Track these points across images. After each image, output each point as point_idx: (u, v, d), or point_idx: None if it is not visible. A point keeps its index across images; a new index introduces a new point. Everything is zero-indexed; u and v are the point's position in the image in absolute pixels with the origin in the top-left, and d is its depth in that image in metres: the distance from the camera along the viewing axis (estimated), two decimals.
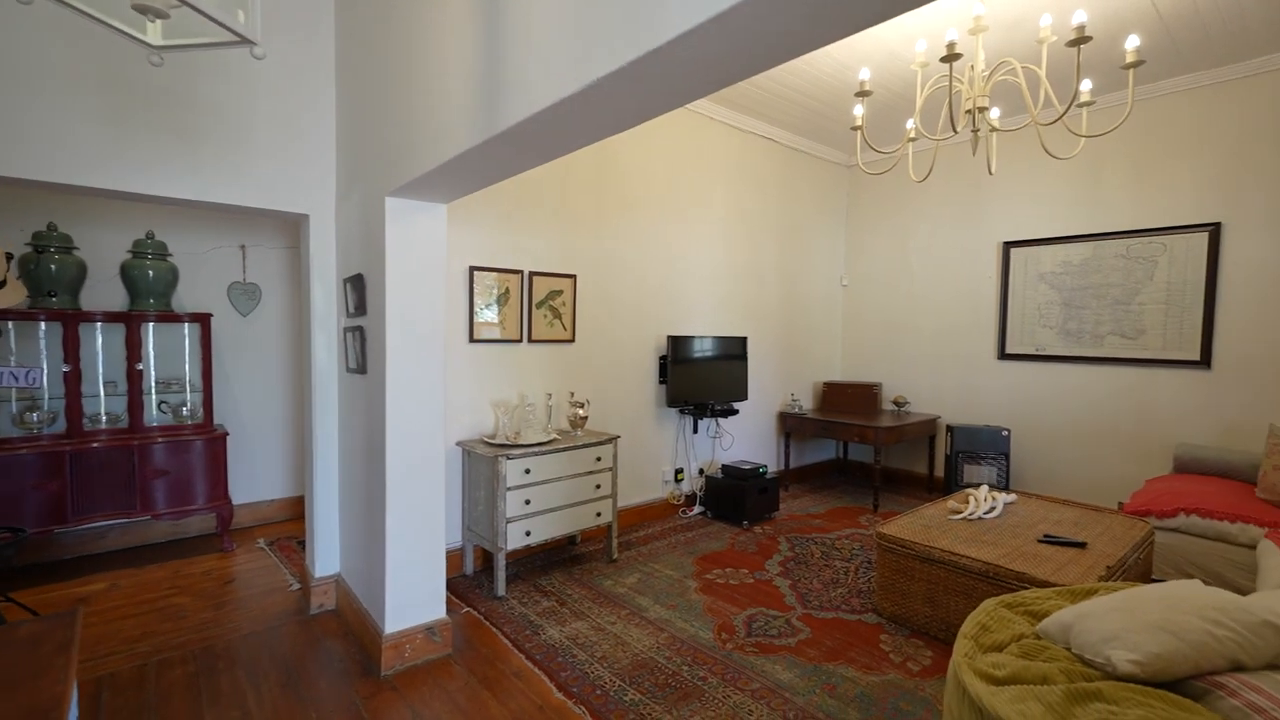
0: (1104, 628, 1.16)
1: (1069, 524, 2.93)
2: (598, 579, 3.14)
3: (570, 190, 3.59)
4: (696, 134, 4.26)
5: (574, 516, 3.18)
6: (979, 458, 4.53)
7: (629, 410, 3.96)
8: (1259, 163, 3.58)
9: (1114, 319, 4.18)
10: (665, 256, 4.13)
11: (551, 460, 3.06)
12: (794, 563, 3.39)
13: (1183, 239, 3.89)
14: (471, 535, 3.14)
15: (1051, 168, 4.34)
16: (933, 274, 5.05)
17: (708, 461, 4.47)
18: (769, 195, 4.85)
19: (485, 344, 3.27)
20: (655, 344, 4.09)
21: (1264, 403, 3.58)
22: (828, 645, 2.50)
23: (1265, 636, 1.05)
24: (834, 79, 3.81)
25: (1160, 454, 3.93)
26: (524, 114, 1.36)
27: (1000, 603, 1.52)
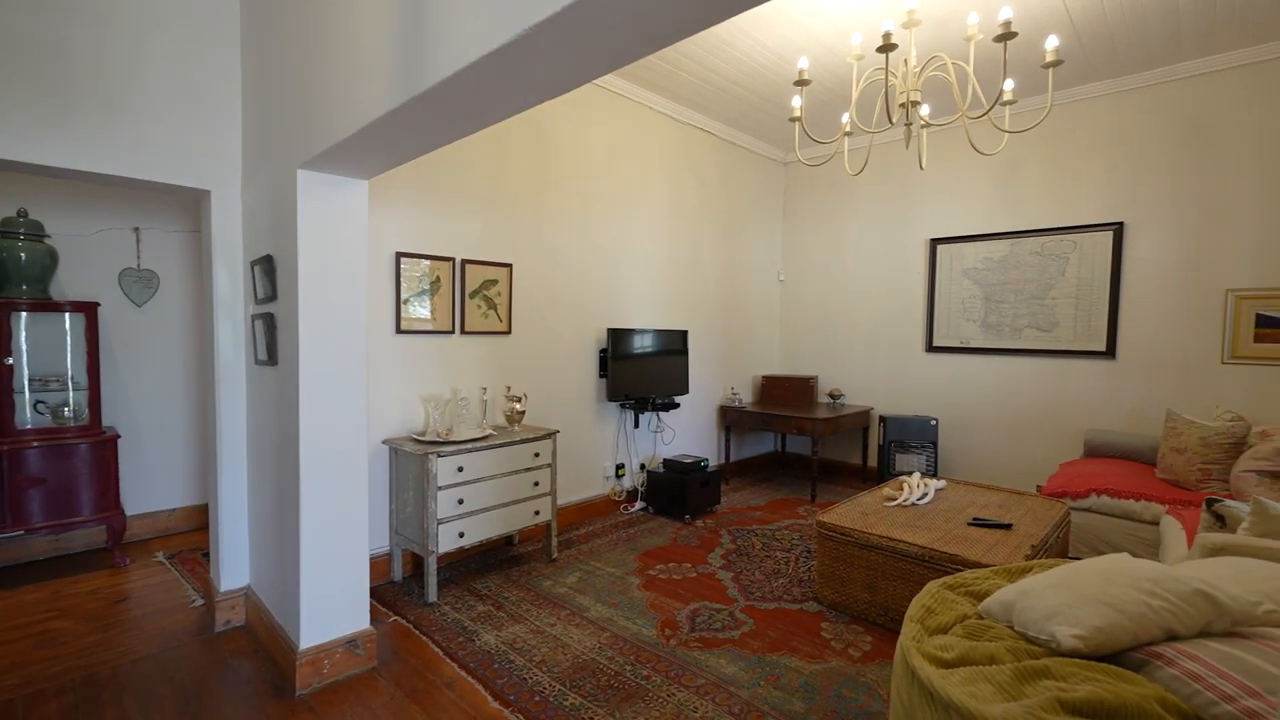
0: (1045, 604, 1.17)
1: (995, 507, 3.05)
2: (537, 580, 3.02)
3: (506, 176, 3.44)
4: (637, 123, 4.19)
5: (511, 515, 3.04)
6: (909, 447, 4.68)
7: (569, 405, 3.84)
8: (1156, 167, 3.85)
9: (1030, 313, 4.41)
10: (606, 247, 4.04)
11: (486, 457, 2.91)
12: (736, 555, 3.38)
13: (1090, 237, 4.15)
14: (400, 539, 2.94)
15: (974, 168, 4.53)
16: (865, 269, 5.19)
17: (649, 456, 4.41)
18: (709, 189, 4.84)
19: (414, 335, 3.08)
20: (595, 337, 4.00)
21: (1162, 390, 3.86)
22: (771, 636, 2.48)
23: (1197, 604, 1.07)
24: (771, 72, 3.83)
25: (1072, 438, 4.18)
26: (448, 71, 1.24)
27: (943, 584, 1.53)
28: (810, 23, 3.23)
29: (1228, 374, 3.66)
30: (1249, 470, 2.95)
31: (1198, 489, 3.22)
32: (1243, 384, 3.60)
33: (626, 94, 4.05)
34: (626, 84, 4.01)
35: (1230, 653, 0.98)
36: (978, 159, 4.46)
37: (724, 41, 3.45)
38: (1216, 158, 3.66)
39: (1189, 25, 3.26)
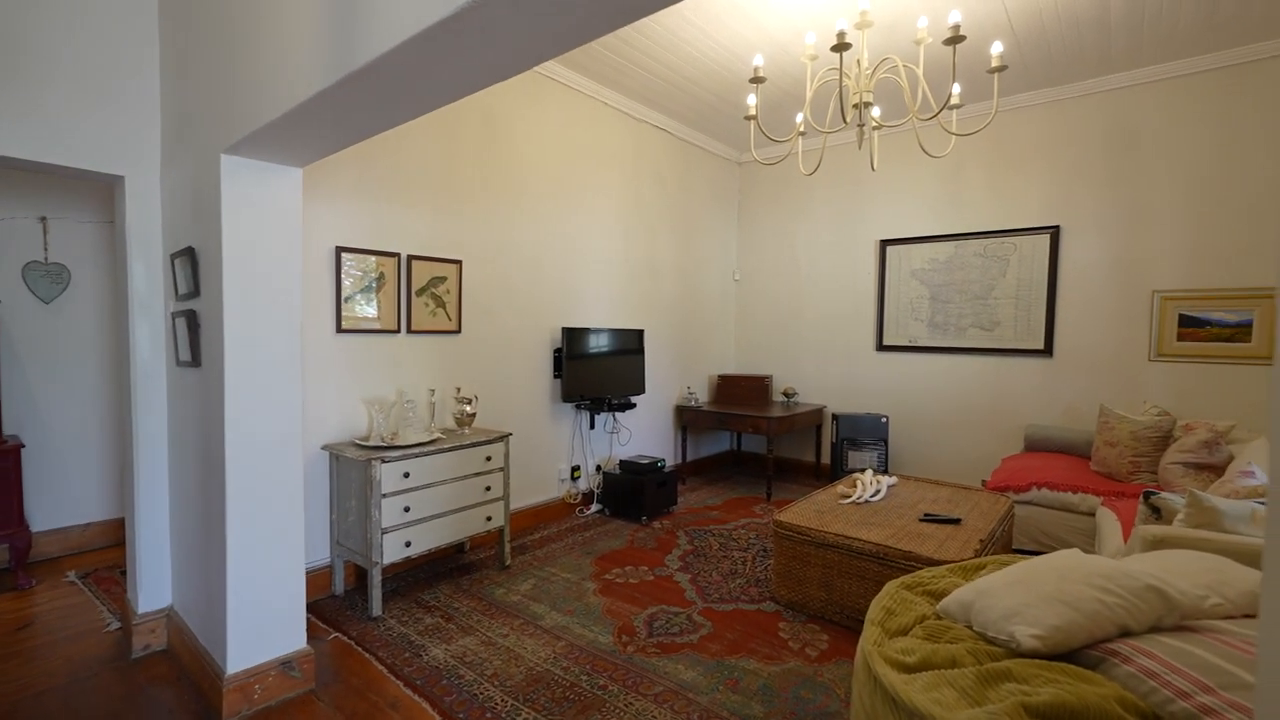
0: (1004, 604, 1.16)
1: (944, 502, 3.11)
2: (489, 588, 2.91)
3: (455, 169, 3.31)
4: (593, 119, 4.11)
5: (461, 522, 2.92)
6: (861, 444, 4.76)
7: (522, 406, 3.73)
8: (1089, 173, 4.03)
9: (974, 313, 4.56)
10: (560, 244, 3.94)
11: (435, 462, 2.78)
12: (693, 556, 3.35)
13: (1029, 240, 4.31)
14: (342, 550, 2.78)
15: (922, 171, 4.65)
16: (818, 270, 5.27)
17: (605, 457, 4.34)
18: (666, 187, 4.81)
19: (357, 334, 2.92)
20: (550, 336, 3.90)
21: (1095, 386, 4.05)
22: (729, 638, 2.45)
23: (1149, 600, 1.09)
24: (726, 70, 3.82)
25: (1014, 434, 4.34)
26: (384, 47, 1.14)
27: (901, 584, 1.52)
28: (765, 20, 3.23)
29: (1154, 371, 3.86)
30: (1175, 462, 3.11)
31: (1129, 480, 3.38)
32: (1168, 380, 3.81)
33: (582, 89, 3.97)
34: (582, 78, 3.93)
35: (1183, 648, 0.99)
36: (925, 162, 4.58)
37: (680, 38, 3.41)
38: (1143, 166, 3.85)
39: (1119, 39, 3.41)
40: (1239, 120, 3.55)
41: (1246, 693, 0.87)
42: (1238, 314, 3.63)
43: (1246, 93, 3.52)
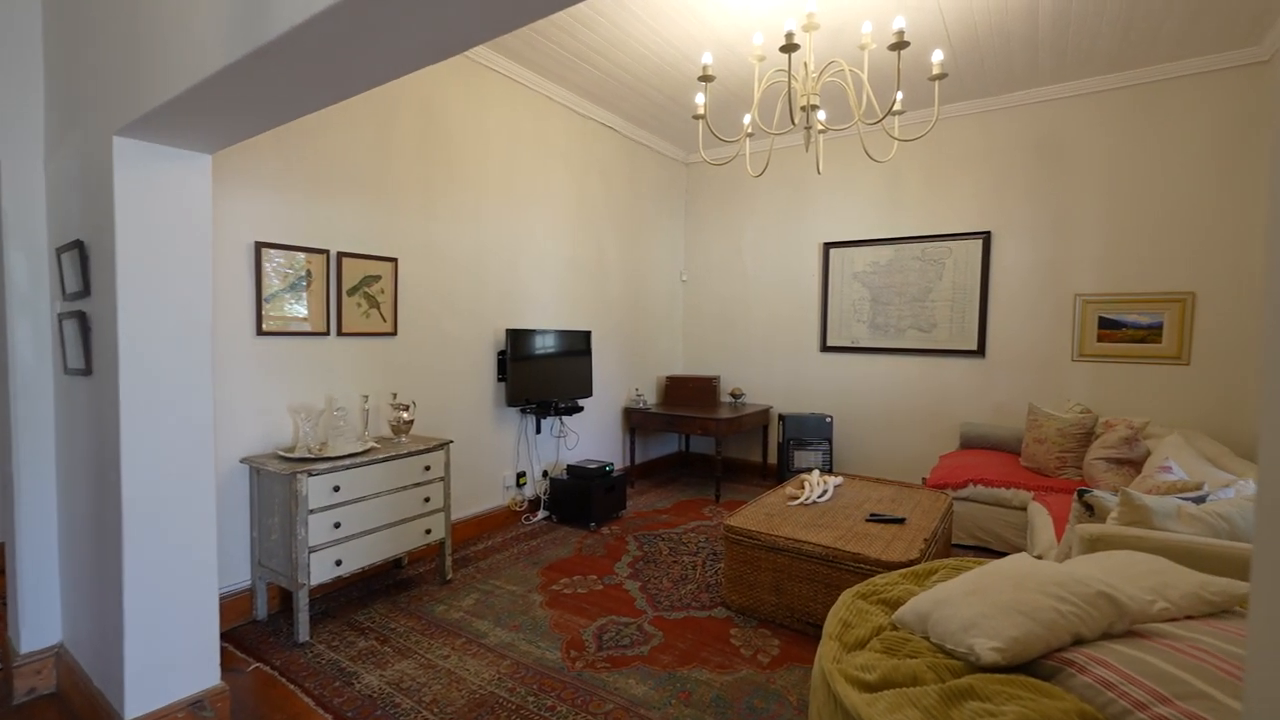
0: (962, 615, 1.15)
1: (888, 501, 3.17)
2: (428, 605, 2.75)
3: (391, 162, 3.12)
4: (538, 114, 3.98)
5: (399, 536, 2.75)
6: (807, 444, 4.83)
7: (464, 411, 3.57)
8: (1017, 181, 4.21)
9: (913, 314, 4.70)
10: (504, 243, 3.80)
11: (369, 473, 2.61)
12: (643, 562, 3.28)
13: (963, 245, 4.47)
14: (264, 571, 2.56)
15: (863, 176, 4.75)
16: (764, 271, 5.31)
17: (552, 463, 4.22)
18: (612, 186, 4.73)
19: (280, 337, 2.70)
20: (493, 338, 3.75)
21: (1024, 386, 4.24)
22: (680, 648, 2.40)
23: (1100, 606, 1.09)
24: (674, 69, 3.78)
25: (950, 432, 4.49)
26: (299, 17, 1.01)
27: (856, 594, 1.50)
28: (713, 20, 3.20)
29: (1077, 370, 4.07)
30: (1099, 458, 3.27)
31: (1056, 475, 3.54)
32: (1089, 379, 4.02)
33: (526, 82, 3.84)
34: (526, 71, 3.80)
35: (1136, 656, 0.99)
36: (866, 167, 4.68)
37: (628, 34, 3.34)
38: (1066, 175, 4.06)
39: (1046, 54, 3.57)
40: (1150, 135, 3.78)
41: (1202, 702, 0.87)
42: (1150, 316, 3.87)
43: (1156, 109, 3.75)
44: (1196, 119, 3.65)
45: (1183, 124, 3.69)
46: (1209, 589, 1.15)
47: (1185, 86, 3.67)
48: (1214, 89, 3.60)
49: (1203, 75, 3.62)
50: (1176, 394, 3.77)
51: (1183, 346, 3.76)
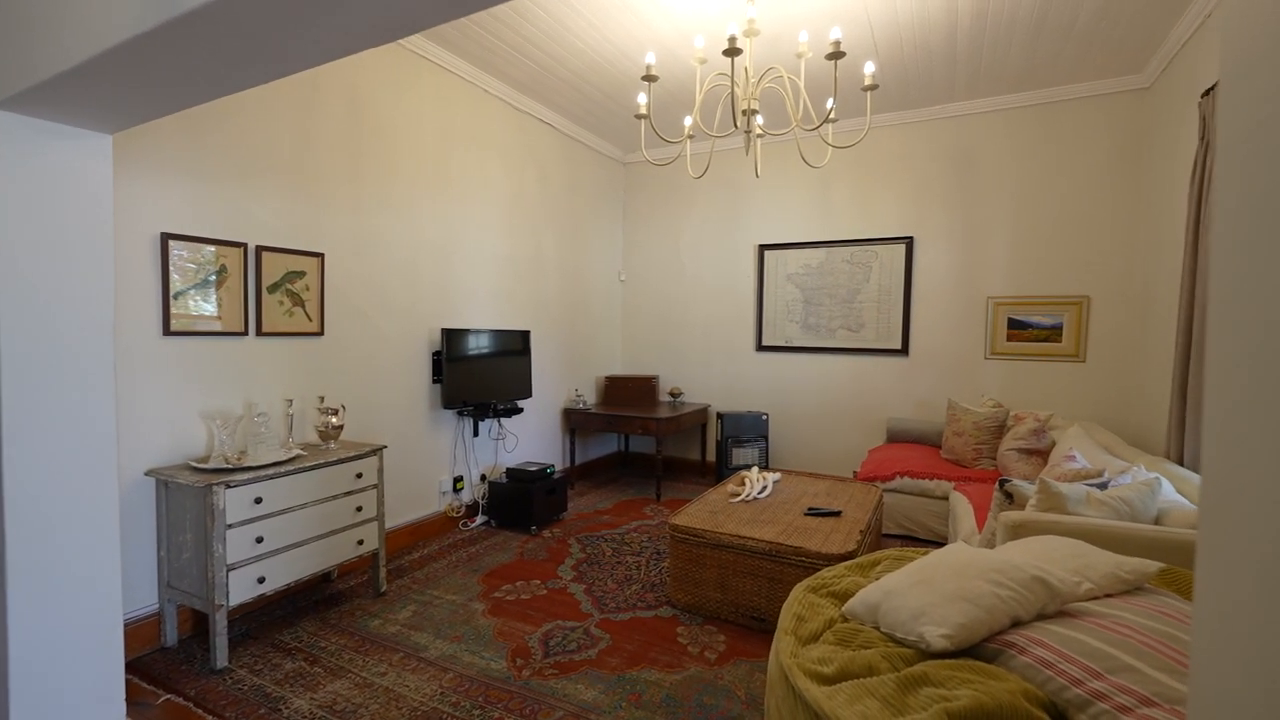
0: (910, 605, 1.20)
1: (824, 495, 3.29)
2: (362, 620, 2.61)
3: (316, 151, 2.93)
4: (473, 107, 3.86)
5: (328, 549, 2.59)
6: (743, 441, 4.94)
7: (397, 415, 3.41)
8: (936, 190, 4.48)
9: (842, 315, 4.90)
10: (438, 239, 3.66)
11: (294, 483, 2.44)
12: (587, 564, 3.25)
13: (888, 249, 4.70)
14: (174, 593, 2.35)
15: (796, 181, 4.91)
16: (701, 272, 5.39)
17: (490, 466, 4.11)
18: (550, 184, 4.65)
19: (190, 337, 2.48)
20: (428, 338, 3.60)
21: (944, 382, 4.51)
22: (628, 650, 2.39)
23: (1035, 590, 1.17)
24: (614, 67, 3.76)
25: (877, 427, 4.72)
26: None
27: (807, 588, 1.54)
28: (655, 21, 3.21)
29: (990, 367, 4.37)
30: (1011, 449, 3.53)
31: (973, 466, 3.79)
32: (1000, 376, 4.33)
33: (461, 73, 3.71)
34: (461, 62, 3.67)
35: (1069, 635, 1.07)
36: (799, 172, 4.84)
37: (567, 29, 3.29)
38: (978, 185, 4.35)
39: (962, 70, 3.81)
40: (1050, 150, 4.12)
41: (1130, 675, 0.95)
42: (1052, 318, 4.21)
43: (1056, 127, 4.09)
44: (1090, 137, 4.00)
45: (1078, 142, 4.04)
46: (1124, 568, 1.26)
47: (1081, 107, 4.02)
48: (1104, 111, 3.96)
49: (1096, 98, 3.97)
50: (1075, 389, 4.12)
51: (1079, 345, 4.12)
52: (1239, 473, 0.42)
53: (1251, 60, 0.42)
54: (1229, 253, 0.44)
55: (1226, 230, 0.44)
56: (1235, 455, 0.43)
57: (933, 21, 3.22)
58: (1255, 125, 0.42)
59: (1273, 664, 0.39)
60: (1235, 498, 0.43)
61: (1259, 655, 0.40)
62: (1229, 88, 0.44)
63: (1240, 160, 0.43)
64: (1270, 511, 0.40)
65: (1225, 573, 0.44)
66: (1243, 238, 0.42)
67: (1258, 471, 0.41)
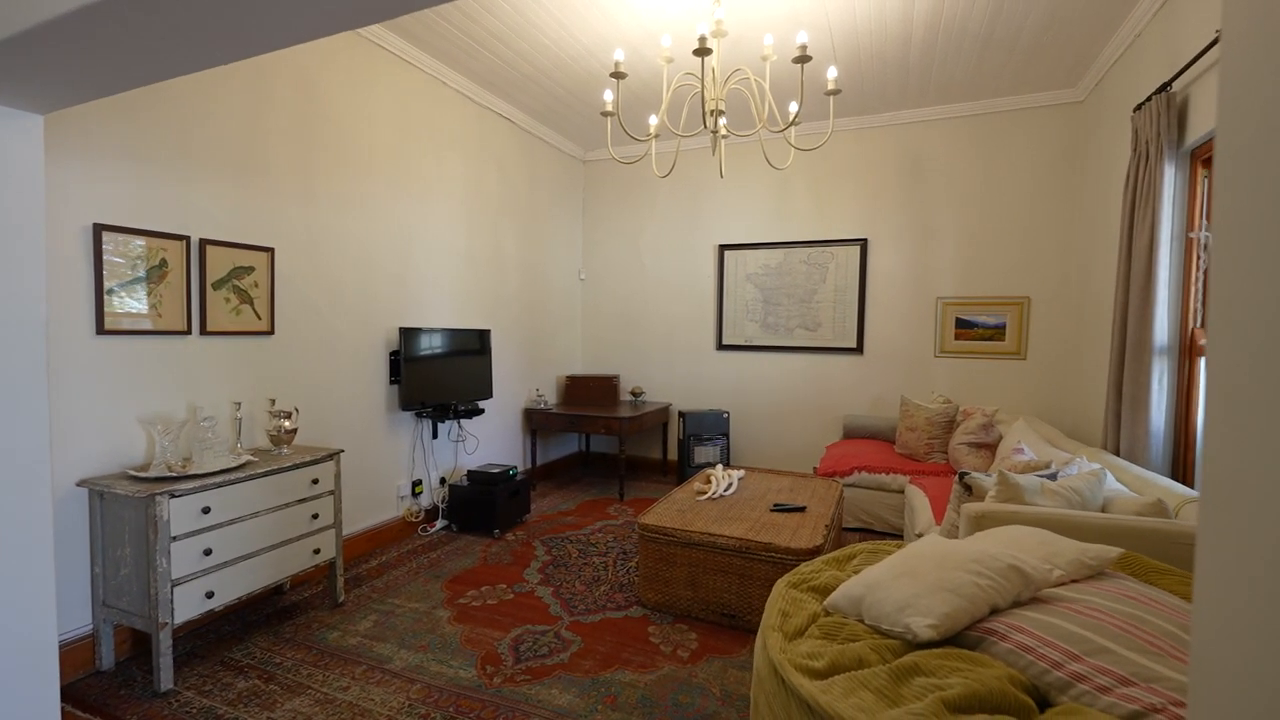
0: (895, 596, 1.23)
1: (787, 491, 3.35)
2: (320, 633, 2.49)
3: (267, 141, 2.78)
4: (431, 99, 3.74)
5: (283, 559, 2.46)
6: (705, 439, 4.98)
7: (354, 417, 3.28)
8: (889, 194, 4.63)
9: (800, 315, 5.00)
10: (396, 235, 3.53)
11: (245, 491, 2.30)
12: (553, 566, 3.21)
13: (844, 250, 4.84)
14: (110, 613, 2.18)
15: (756, 182, 4.99)
16: (662, 271, 5.40)
17: (450, 469, 4.00)
18: (510, 180, 4.57)
19: (127, 337, 2.31)
20: (385, 337, 3.47)
21: (897, 379, 4.67)
22: (601, 652, 2.36)
23: (1011, 578, 1.22)
24: (578, 64, 3.72)
25: (834, 423, 4.84)
26: None
27: (788, 584, 1.56)
28: (621, 19, 3.19)
29: (939, 365, 4.55)
30: (961, 443, 3.68)
31: (926, 460, 3.94)
32: (949, 373, 4.52)
33: (421, 64, 3.59)
34: (421, 54, 3.55)
35: (1046, 620, 1.12)
36: (758, 173, 4.91)
37: (532, 24, 3.23)
38: (928, 190, 4.52)
39: (914, 79, 3.95)
40: (994, 158, 4.32)
41: (1106, 656, 1.00)
42: (996, 318, 4.42)
43: (1000, 136, 4.29)
44: (1030, 147, 4.22)
45: (1019, 151, 4.25)
46: (1087, 555, 1.33)
47: (1022, 118, 4.23)
48: (1043, 122, 4.18)
49: (1036, 109, 4.19)
50: (1017, 385, 4.34)
51: (1021, 344, 4.34)
52: (1239, 475, 0.43)
53: (1256, 69, 0.43)
54: (1230, 259, 0.45)
55: (1228, 235, 0.45)
56: (1234, 458, 0.44)
57: (890, 31, 3.33)
58: (1258, 133, 0.43)
59: (1271, 662, 0.40)
60: (1236, 500, 0.44)
61: (1259, 653, 0.41)
62: (1231, 97, 0.45)
63: (1244, 166, 0.44)
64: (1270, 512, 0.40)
65: (1225, 574, 0.45)
66: (1244, 243, 0.44)
67: (1258, 473, 0.41)
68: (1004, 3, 3.04)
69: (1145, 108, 2.83)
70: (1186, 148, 2.66)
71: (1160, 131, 2.69)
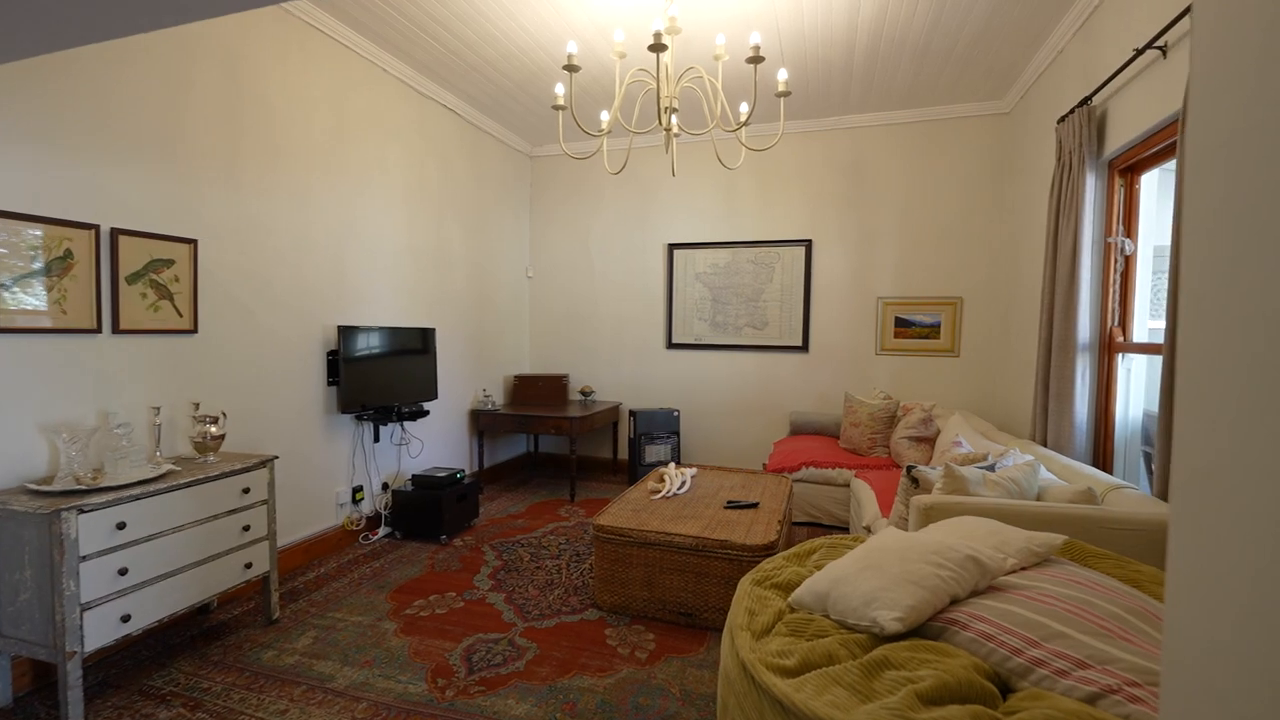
0: (861, 591, 1.25)
1: (740, 488, 3.38)
2: (252, 654, 2.32)
3: (189, 123, 2.56)
4: (371, 86, 3.57)
5: (209, 576, 2.28)
6: (655, 438, 4.98)
7: (288, 421, 3.08)
8: (831, 196, 4.76)
9: (748, 313, 5.08)
10: (334, 228, 3.34)
11: (165, 503, 2.12)
12: (505, 571, 3.12)
13: (790, 250, 4.94)
14: (7, 643, 1.95)
15: (704, 181, 5.02)
16: (611, 269, 5.37)
17: (393, 473, 3.83)
18: (454, 174, 4.42)
19: (24, 336, 2.08)
20: (322, 336, 3.29)
21: (841, 376, 4.81)
22: (557, 658, 2.31)
23: (969, 568, 1.26)
24: (526, 56, 3.64)
25: (781, 420, 4.94)
26: None
27: (752, 581, 1.56)
28: (573, 13, 3.13)
29: (880, 362, 4.72)
30: (903, 437, 3.82)
31: (869, 454, 4.07)
32: (890, 370, 4.69)
33: (358, 49, 3.42)
34: (358, 37, 3.38)
35: (1003, 608, 1.16)
36: (708, 172, 4.95)
37: (479, 12, 3.13)
38: (869, 193, 4.68)
39: (857, 86, 4.08)
40: (929, 164, 4.52)
41: (1062, 641, 1.04)
42: (932, 317, 4.62)
43: (934, 143, 4.49)
44: (962, 154, 4.44)
45: (952, 158, 4.46)
46: (1034, 543, 1.39)
47: (955, 127, 4.44)
48: (973, 131, 4.40)
49: (968, 119, 4.40)
50: (951, 381, 4.56)
51: (955, 342, 4.56)
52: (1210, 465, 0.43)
53: (1224, 76, 0.44)
54: (1201, 258, 0.45)
55: (1198, 234, 0.46)
56: (1203, 450, 0.44)
57: (835, 37, 3.41)
58: (1226, 139, 0.44)
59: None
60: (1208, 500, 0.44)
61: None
62: (1201, 103, 0.45)
63: (1212, 170, 0.45)
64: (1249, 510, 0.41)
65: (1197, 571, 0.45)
66: (1213, 240, 0.44)
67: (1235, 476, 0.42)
68: (941, 15, 3.17)
69: (1068, 120, 3.01)
70: (1105, 158, 2.85)
71: (1082, 142, 2.87)
